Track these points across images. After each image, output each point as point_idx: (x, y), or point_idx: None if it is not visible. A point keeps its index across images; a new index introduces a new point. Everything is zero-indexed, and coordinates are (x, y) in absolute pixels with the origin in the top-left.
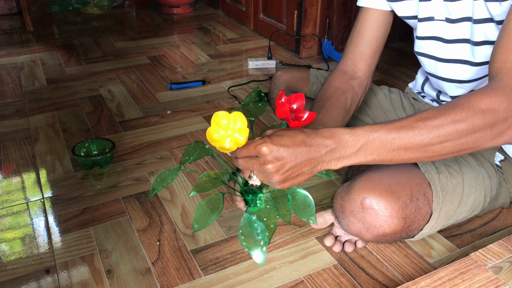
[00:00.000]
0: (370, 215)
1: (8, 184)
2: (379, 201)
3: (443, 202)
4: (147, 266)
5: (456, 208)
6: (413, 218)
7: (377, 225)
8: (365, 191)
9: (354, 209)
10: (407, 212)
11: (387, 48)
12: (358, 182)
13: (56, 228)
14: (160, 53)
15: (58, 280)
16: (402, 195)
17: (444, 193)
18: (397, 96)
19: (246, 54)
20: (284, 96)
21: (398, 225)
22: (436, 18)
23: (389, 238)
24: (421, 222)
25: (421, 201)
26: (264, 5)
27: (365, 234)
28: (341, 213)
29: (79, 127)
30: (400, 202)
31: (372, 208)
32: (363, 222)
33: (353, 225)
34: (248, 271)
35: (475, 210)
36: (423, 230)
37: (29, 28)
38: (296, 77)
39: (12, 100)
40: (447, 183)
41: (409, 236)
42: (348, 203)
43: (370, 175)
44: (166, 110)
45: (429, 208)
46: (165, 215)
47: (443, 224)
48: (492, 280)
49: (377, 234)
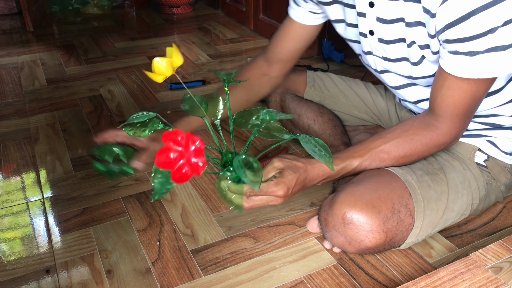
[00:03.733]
0: (351, 229)
1: (8, 184)
2: (360, 216)
3: (426, 211)
4: (147, 266)
5: (441, 216)
6: (395, 231)
7: (359, 239)
8: (346, 206)
9: (336, 223)
10: (388, 226)
11: None
12: (340, 196)
13: (56, 228)
14: (160, 53)
15: (58, 280)
16: (383, 209)
17: (426, 202)
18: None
19: (246, 54)
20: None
21: (379, 239)
22: (375, 54)
23: (372, 251)
24: (404, 233)
25: (403, 213)
26: (264, 5)
27: (348, 247)
28: (325, 226)
29: (79, 127)
30: (381, 216)
31: (353, 223)
32: (345, 236)
33: (336, 238)
34: (248, 271)
35: (464, 214)
36: (408, 239)
37: (29, 28)
38: (294, 79)
39: (12, 100)
40: (429, 191)
41: (393, 247)
42: (331, 217)
43: (352, 189)
44: (166, 110)
45: (412, 219)
46: (165, 215)
47: (429, 232)
48: (492, 280)
49: (359, 248)
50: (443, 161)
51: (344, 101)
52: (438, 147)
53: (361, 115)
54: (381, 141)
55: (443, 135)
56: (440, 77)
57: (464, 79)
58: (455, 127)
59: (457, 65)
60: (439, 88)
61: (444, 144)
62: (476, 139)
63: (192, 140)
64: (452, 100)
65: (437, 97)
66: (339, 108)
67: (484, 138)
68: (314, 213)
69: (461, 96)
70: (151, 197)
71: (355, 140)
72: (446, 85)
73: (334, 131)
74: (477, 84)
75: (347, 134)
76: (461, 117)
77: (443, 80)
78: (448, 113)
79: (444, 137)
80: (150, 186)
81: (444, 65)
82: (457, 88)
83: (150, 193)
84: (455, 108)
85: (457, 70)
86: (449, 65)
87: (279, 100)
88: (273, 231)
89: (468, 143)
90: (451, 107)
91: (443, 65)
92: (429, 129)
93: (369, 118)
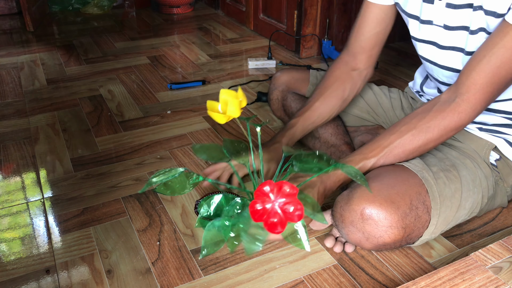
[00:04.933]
0: (370, 225)
1: (8, 184)
2: (379, 211)
3: (441, 208)
4: (147, 266)
5: (455, 213)
6: (412, 227)
7: (377, 235)
8: (365, 202)
9: (354, 219)
10: (407, 222)
11: (387, 48)
12: (357, 192)
13: (56, 228)
14: (160, 53)
15: (58, 280)
16: (402, 204)
17: (442, 199)
18: (396, 95)
19: (246, 54)
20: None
21: (398, 234)
22: (435, 23)
23: (389, 247)
24: (420, 230)
25: (420, 209)
26: (264, 5)
27: (365, 243)
28: (341, 222)
29: (79, 127)
30: (400, 212)
31: (372, 218)
32: (363, 232)
33: (353, 234)
34: (248, 271)
35: (473, 212)
36: (423, 236)
37: (29, 28)
38: (296, 77)
39: (12, 100)
40: (445, 188)
41: (409, 243)
42: (348, 213)
43: (370, 185)
44: (166, 110)
45: (429, 216)
46: (165, 215)
47: (443, 229)
48: (492, 280)
49: (377, 244)
50: (454, 159)
51: None
52: (456, 129)
53: (362, 115)
54: (395, 136)
55: (466, 113)
56: (491, 39)
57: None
58: (484, 101)
59: None
60: (481, 53)
61: (463, 124)
62: (494, 137)
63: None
64: (498, 62)
65: (474, 66)
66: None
67: (502, 136)
68: None
69: (508, 57)
70: (151, 197)
71: (356, 141)
72: (499, 44)
73: (336, 130)
74: None
75: (349, 134)
76: (494, 88)
77: (497, 38)
78: (483, 82)
79: (467, 116)
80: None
81: (509, 16)
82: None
83: (150, 193)
84: (495, 74)
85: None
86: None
87: (280, 99)
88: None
89: (486, 140)
90: (491, 73)
91: (508, 16)
92: (450, 110)
93: (370, 117)
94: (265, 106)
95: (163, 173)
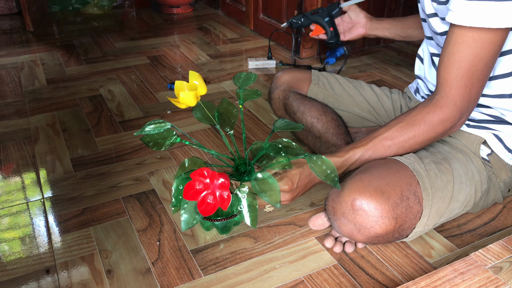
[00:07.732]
0: (361, 216)
1: (8, 184)
2: (369, 202)
3: (433, 199)
4: (147, 266)
5: (447, 204)
6: (404, 217)
7: (368, 226)
8: (355, 193)
9: (345, 210)
10: (398, 212)
11: (387, 48)
12: (348, 183)
13: (56, 228)
14: (160, 53)
15: (58, 280)
16: (392, 195)
17: (434, 190)
18: (397, 96)
19: (246, 54)
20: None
21: (389, 225)
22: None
23: (382, 239)
24: (413, 221)
25: (411, 200)
26: (264, 5)
27: (357, 235)
28: (333, 215)
29: (79, 127)
30: (391, 202)
31: (362, 209)
32: (355, 224)
33: (345, 226)
34: (248, 271)
35: (467, 206)
36: (416, 228)
37: (29, 28)
38: (297, 77)
39: (12, 100)
40: (437, 180)
41: (402, 236)
42: (339, 205)
43: (360, 176)
44: (166, 110)
45: (420, 206)
46: (165, 215)
47: (436, 221)
48: (492, 280)
49: (369, 235)
50: (446, 153)
51: (348, 100)
52: (443, 123)
53: (363, 114)
54: (384, 129)
55: (448, 107)
56: (446, 38)
57: (468, 30)
58: (460, 95)
59: (460, 12)
60: (443, 52)
61: (449, 119)
62: (483, 131)
63: (217, 176)
64: (456, 58)
65: (441, 65)
66: (342, 106)
67: (490, 131)
68: (314, 213)
69: (465, 52)
70: (152, 197)
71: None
72: (451, 41)
73: (337, 130)
74: (481, 37)
75: (350, 135)
76: (465, 81)
77: (449, 37)
78: (452, 78)
79: (448, 110)
80: (150, 186)
81: (449, 16)
82: (462, 42)
83: (150, 193)
84: (459, 68)
85: (459, 18)
86: (453, 15)
87: (282, 98)
88: (273, 231)
89: (475, 134)
90: (455, 69)
91: (448, 16)
92: (432, 105)
93: (371, 117)
94: (266, 106)
95: (157, 123)
